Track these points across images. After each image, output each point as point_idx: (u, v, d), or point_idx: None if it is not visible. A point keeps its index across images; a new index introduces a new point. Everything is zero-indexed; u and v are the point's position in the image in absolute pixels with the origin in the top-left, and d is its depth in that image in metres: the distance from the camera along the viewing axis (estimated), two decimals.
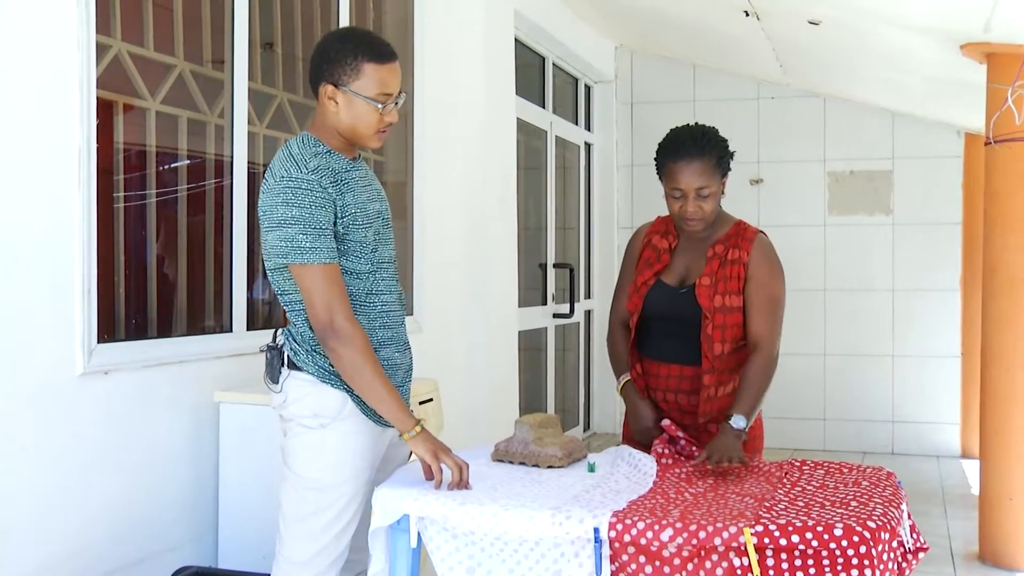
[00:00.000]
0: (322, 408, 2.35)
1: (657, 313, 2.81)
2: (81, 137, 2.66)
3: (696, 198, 2.70)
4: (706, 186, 2.69)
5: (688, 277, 2.80)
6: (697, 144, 2.71)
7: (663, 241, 2.88)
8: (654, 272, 2.83)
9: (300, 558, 2.36)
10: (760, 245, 2.78)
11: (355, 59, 2.31)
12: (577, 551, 2.09)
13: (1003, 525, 4.44)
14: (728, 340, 2.72)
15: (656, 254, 2.86)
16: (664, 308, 2.80)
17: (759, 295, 2.73)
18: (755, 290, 2.73)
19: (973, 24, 4.33)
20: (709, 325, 2.71)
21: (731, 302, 2.72)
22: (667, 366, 2.82)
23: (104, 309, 2.84)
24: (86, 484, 2.69)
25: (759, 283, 2.74)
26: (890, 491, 2.26)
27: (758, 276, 2.74)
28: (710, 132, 2.77)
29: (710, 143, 2.72)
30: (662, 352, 2.83)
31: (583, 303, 7.17)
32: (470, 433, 4.66)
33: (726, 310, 2.71)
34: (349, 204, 2.32)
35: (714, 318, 2.71)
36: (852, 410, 7.10)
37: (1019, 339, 4.41)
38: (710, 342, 2.71)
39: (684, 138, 2.74)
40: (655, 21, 6.39)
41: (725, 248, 2.77)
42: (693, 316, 2.74)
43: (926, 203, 6.96)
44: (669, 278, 2.82)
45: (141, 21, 3.26)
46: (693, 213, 2.71)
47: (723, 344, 2.72)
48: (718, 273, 2.74)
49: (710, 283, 2.73)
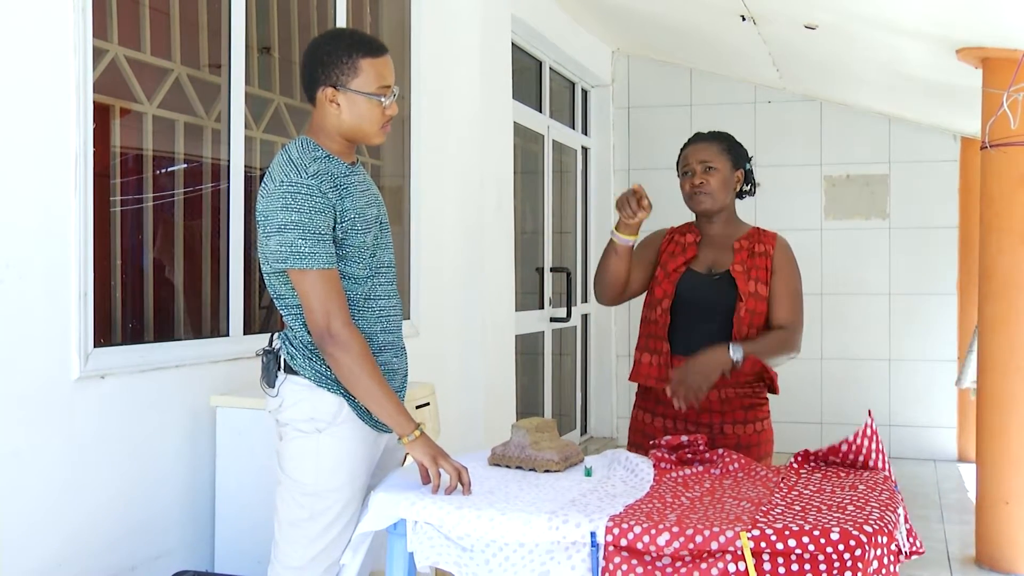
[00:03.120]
0: (318, 413, 2.35)
1: (690, 299, 2.89)
2: (77, 141, 2.66)
3: (703, 172, 2.88)
4: (710, 161, 2.89)
5: (716, 266, 2.90)
6: (708, 133, 2.97)
7: (687, 237, 2.99)
8: (684, 260, 2.93)
9: (296, 563, 2.36)
10: (782, 242, 2.95)
11: (350, 57, 2.31)
12: (571, 555, 2.08)
13: (999, 529, 4.44)
14: (755, 326, 2.84)
15: (681, 247, 2.97)
16: (697, 294, 2.88)
17: (786, 287, 2.88)
18: (781, 282, 2.88)
19: (968, 29, 4.34)
20: (743, 308, 2.81)
21: (761, 290, 2.85)
22: None
23: (100, 313, 2.84)
24: (81, 489, 2.69)
25: (785, 276, 2.89)
26: (887, 495, 2.26)
27: (784, 270, 2.89)
28: (724, 132, 2.99)
29: (720, 135, 2.96)
30: (690, 344, 2.84)
31: (580, 307, 7.17)
32: (467, 437, 4.66)
33: (757, 297, 2.84)
34: (348, 209, 2.32)
35: (747, 302, 2.82)
36: (849, 414, 7.10)
37: (1015, 343, 4.41)
38: (741, 325, 2.81)
39: (697, 132, 3.01)
40: (652, 25, 6.40)
41: (750, 243, 2.91)
42: (725, 302, 2.84)
43: (922, 207, 6.97)
44: (698, 267, 2.92)
45: (138, 25, 3.26)
46: (699, 185, 2.88)
47: (750, 329, 2.83)
48: (748, 262, 2.87)
49: (743, 270, 2.85)
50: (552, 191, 6.68)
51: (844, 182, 7.09)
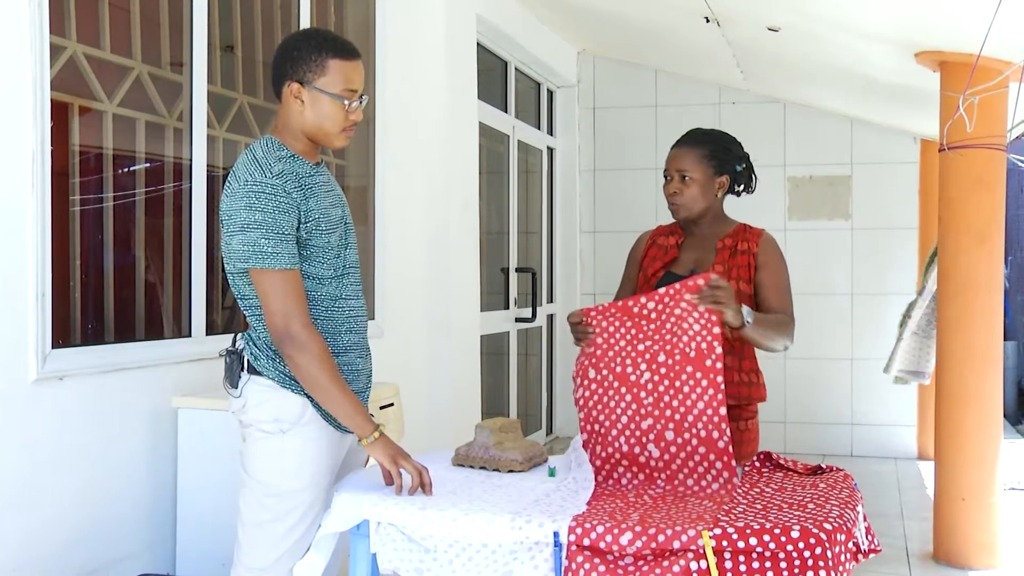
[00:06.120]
0: (282, 413, 2.33)
1: None
2: (35, 139, 2.63)
3: (678, 180, 2.85)
4: (687, 171, 2.84)
5: (698, 268, 2.88)
6: (694, 136, 2.91)
7: (669, 239, 2.97)
8: (663, 264, 2.91)
9: (259, 564, 2.35)
10: (767, 238, 2.92)
11: (320, 56, 2.31)
12: (534, 555, 2.09)
13: (956, 525, 4.51)
14: None
15: (663, 250, 2.95)
16: None
17: (773, 280, 2.85)
18: (768, 276, 2.84)
19: (927, 33, 4.41)
20: None
21: (743, 288, 2.82)
22: None
23: (59, 314, 2.80)
24: (38, 492, 2.65)
25: (771, 270, 2.86)
26: (847, 493, 2.29)
27: (770, 264, 2.86)
28: (716, 132, 2.95)
29: (708, 138, 2.91)
30: None
31: (545, 307, 7.18)
32: (432, 438, 4.65)
33: (739, 296, 2.80)
34: (312, 209, 2.31)
35: None
36: (812, 413, 7.19)
37: (971, 343, 4.47)
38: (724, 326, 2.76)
39: (689, 131, 2.95)
40: (617, 26, 6.43)
41: (734, 241, 2.88)
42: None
43: (884, 208, 7.06)
44: (679, 269, 2.90)
45: (97, 22, 3.22)
46: (673, 195, 2.86)
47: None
48: (729, 262, 2.84)
49: (723, 270, 2.82)
50: (518, 191, 6.69)
51: (807, 183, 7.16)
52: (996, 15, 3.57)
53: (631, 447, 2.48)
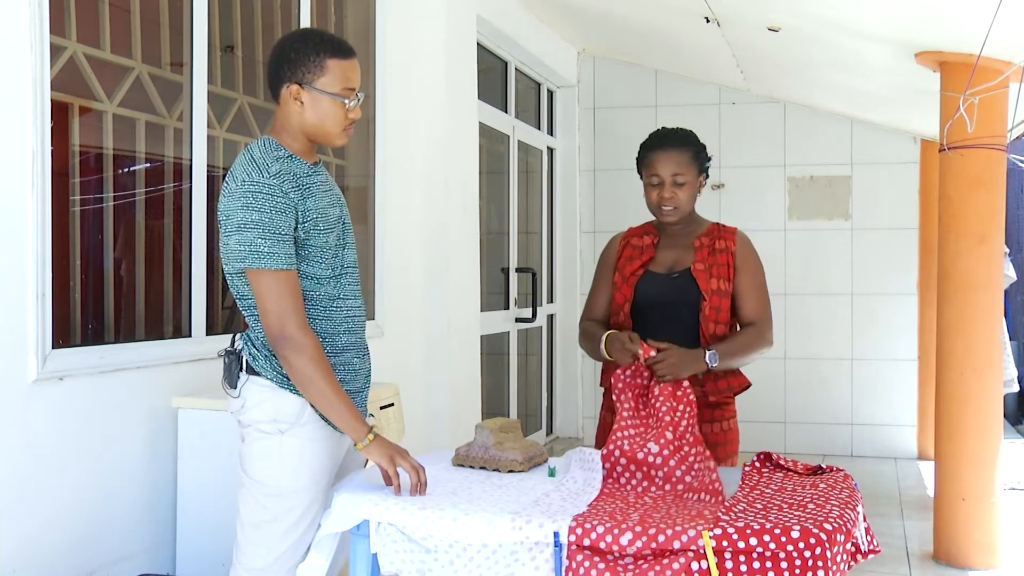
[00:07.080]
0: (280, 414, 2.33)
1: (651, 300, 2.87)
2: (35, 140, 2.62)
3: (672, 185, 2.85)
4: (682, 174, 2.85)
5: (677, 266, 2.89)
6: (676, 137, 2.91)
7: (644, 239, 2.98)
8: (641, 264, 2.91)
9: (258, 565, 2.35)
10: (742, 237, 2.94)
11: (318, 56, 2.31)
12: (534, 555, 2.09)
13: (956, 525, 4.51)
14: (721, 323, 2.83)
15: (638, 251, 2.95)
16: (658, 294, 2.87)
17: (750, 282, 2.87)
18: (745, 278, 2.87)
19: (927, 33, 4.40)
20: (707, 306, 2.80)
21: (723, 287, 2.83)
22: None
23: (60, 314, 2.80)
24: (38, 492, 2.65)
25: (749, 271, 2.88)
26: (847, 493, 2.29)
27: (747, 265, 2.88)
28: (690, 132, 2.95)
29: (688, 139, 2.92)
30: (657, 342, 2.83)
31: (545, 307, 7.18)
32: (432, 438, 4.65)
33: (720, 293, 2.83)
34: (310, 209, 2.31)
35: (711, 300, 2.81)
36: (812, 413, 7.19)
37: (972, 343, 4.47)
38: (707, 323, 2.80)
39: (665, 132, 2.94)
40: (617, 27, 6.43)
41: (711, 240, 2.90)
42: (688, 300, 2.82)
43: (884, 208, 7.06)
44: (657, 268, 2.91)
45: (97, 22, 3.22)
46: (669, 199, 2.85)
47: (716, 326, 2.82)
48: (708, 260, 2.86)
49: (704, 268, 2.84)
50: (517, 191, 6.68)
51: (807, 183, 7.16)
52: (996, 15, 3.57)
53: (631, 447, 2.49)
